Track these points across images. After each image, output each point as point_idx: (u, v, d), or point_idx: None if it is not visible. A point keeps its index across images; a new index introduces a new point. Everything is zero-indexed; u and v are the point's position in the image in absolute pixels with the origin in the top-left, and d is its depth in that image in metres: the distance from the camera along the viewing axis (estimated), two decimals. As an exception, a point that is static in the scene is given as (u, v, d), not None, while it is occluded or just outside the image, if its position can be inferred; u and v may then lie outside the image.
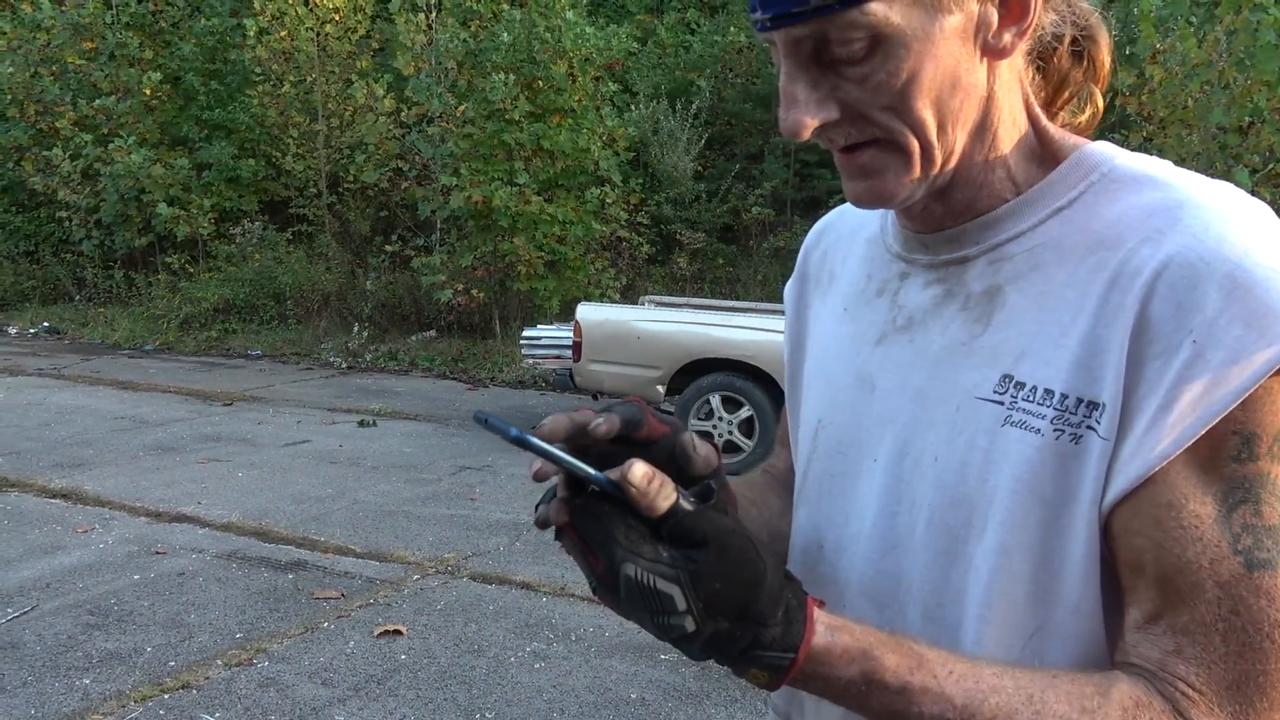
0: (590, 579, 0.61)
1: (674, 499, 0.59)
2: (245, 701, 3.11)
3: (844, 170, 0.72)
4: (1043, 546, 0.68)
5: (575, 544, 0.61)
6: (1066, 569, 0.67)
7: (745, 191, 12.84)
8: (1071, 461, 0.66)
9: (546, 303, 10.93)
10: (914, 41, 0.65)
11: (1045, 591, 0.68)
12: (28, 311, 14.15)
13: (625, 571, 0.57)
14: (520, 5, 10.92)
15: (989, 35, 0.68)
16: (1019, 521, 0.68)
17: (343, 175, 12.98)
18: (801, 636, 0.60)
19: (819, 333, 0.90)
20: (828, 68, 0.67)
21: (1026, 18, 0.68)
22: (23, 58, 13.22)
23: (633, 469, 0.58)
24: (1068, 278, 0.69)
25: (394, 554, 4.56)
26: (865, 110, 0.67)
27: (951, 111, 0.68)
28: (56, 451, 6.40)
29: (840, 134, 0.69)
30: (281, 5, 12.67)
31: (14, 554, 4.41)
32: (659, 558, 0.58)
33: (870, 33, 0.64)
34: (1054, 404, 0.67)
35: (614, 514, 0.59)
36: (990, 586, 0.69)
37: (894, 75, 0.65)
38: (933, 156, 0.70)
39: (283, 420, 7.70)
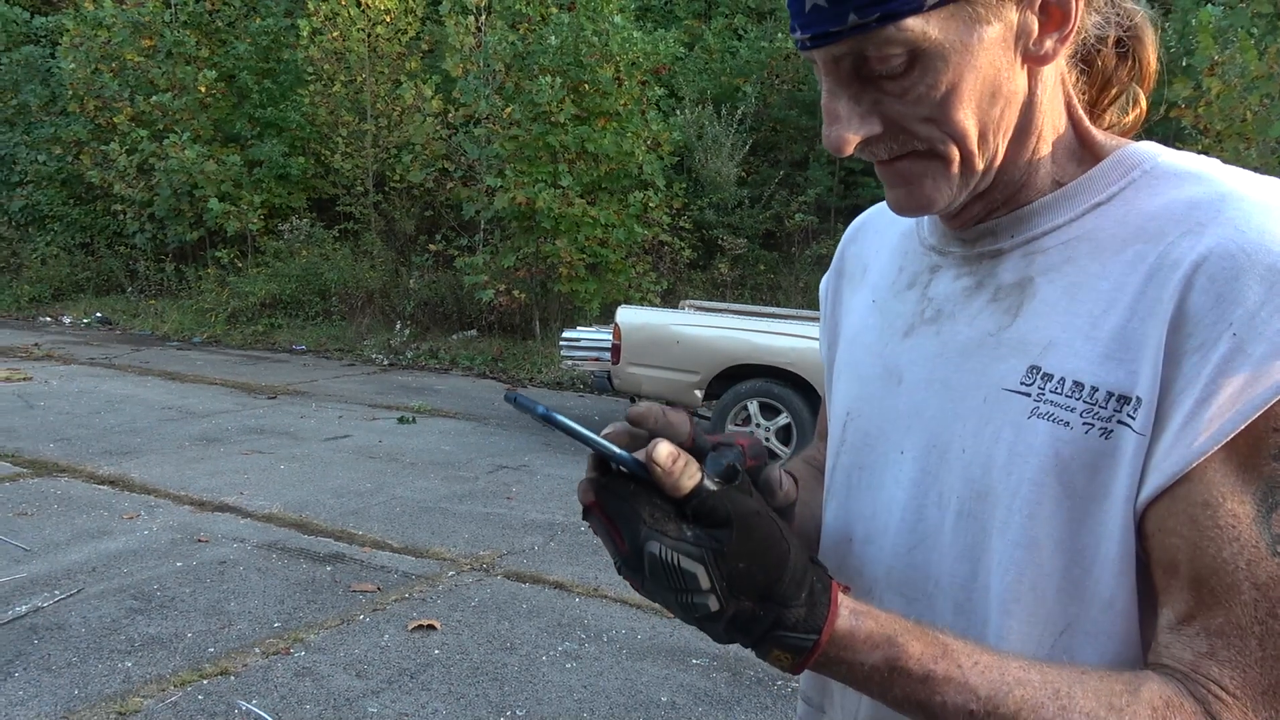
0: (615, 558, 0.62)
1: (698, 478, 0.59)
2: (281, 690, 3.15)
3: (885, 178, 0.72)
4: (1073, 542, 0.67)
5: (601, 523, 0.61)
6: (1099, 566, 0.66)
7: (789, 198, 12.79)
8: (1103, 457, 0.65)
9: (587, 305, 10.97)
10: (952, 54, 0.65)
11: (1077, 588, 0.67)
12: (82, 302, 14.51)
13: (650, 549, 0.58)
14: (568, 9, 10.99)
15: (1030, 42, 0.67)
16: (1046, 515, 0.67)
17: (389, 175, 13.15)
18: (825, 619, 0.60)
19: (850, 326, 0.90)
20: (868, 83, 0.67)
21: (1068, 24, 0.68)
22: (84, 54, 13.57)
23: (658, 448, 0.58)
24: (1102, 270, 0.68)
25: (430, 550, 4.60)
26: (907, 123, 0.68)
27: (992, 120, 0.68)
28: (106, 439, 6.55)
29: (883, 148, 0.70)
30: (334, 6, 12.87)
31: (63, 537, 4.53)
32: (683, 536, 0.58)
33: (908, 48, 0.64)
34: (1083, 397, 0.66)
35: (639, 493, 0.59)
36: (1019, 580, 0.68)
37: (933, 88, 0.66)
38: (973, 164, 0.70)
39: (325, 415, 7.81)
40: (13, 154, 15.10)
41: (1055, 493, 0.67)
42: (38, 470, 5.67)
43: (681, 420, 0.65)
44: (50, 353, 10.59)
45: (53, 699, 3.02)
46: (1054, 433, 0.67)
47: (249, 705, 3.03)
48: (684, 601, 0.59)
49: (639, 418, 0.64)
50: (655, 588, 0.60)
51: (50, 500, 5.11)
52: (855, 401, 0.84)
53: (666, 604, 0.60)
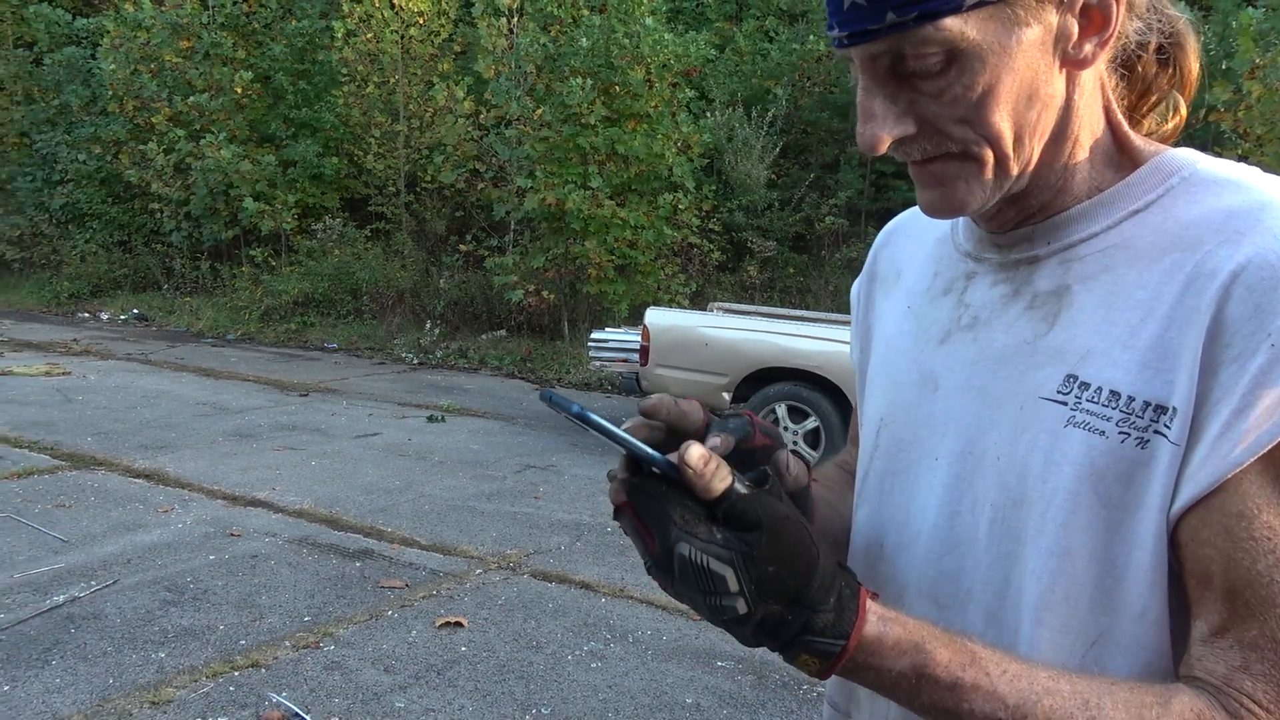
0: (646, 558, 0.62)
1: (729, 481, 0.60)
2: (311, 683, 3.19)
3: (917, 179, 0.72)
4: (1107, 552, 0.66)
5: (632, 523, 0.62)
6: (1132, 576, 0.66)
7: (819, 201, 12.73)
8: (1138, 466, 0.65)
9: (616, 306, 10.99)
10: (990, 55, 0.65)
11: (1109, 598, 0.67)
12: (119, 298, 14.75)
13: (679, 551, 0.58)
14: (600, 11, 11.02)
15: (1069, 46, 0.67)
16: (1081, 524, 0.67)
17: (421, 175, 13.25)
18: (853, 624, 0.61)
19: (884, 331, 0.90)
20: (904, 82, 0.67)
21: (1108, 28, 0.67)
22: (124, 55, 13.80)
23: (689, 451, 0.59)
24: (1139, 279, 0.68)
25: (458, 548, 4.64)
26: (941, 124, 0.68)
27: (1029, 123, 0.68)
28: (142, 433, 6.65)
29: (916, 148, 0.70)
30: (368, 8, 13.00)
31: (99, 529, 4.61)
32: (713, 539, 0.59)
33: (945, 48, 0.64)
34: (1120, 406, 0.66)
35: (671, 495, 0.60)
36: (1051, 589, 0.68)
37: (970, 89, 0.65)
38: (1008, 167, 0.69)
39: (355, 412, 7.88)
40: (54, 153, 15.38)
41: (1090, 502, 0.66)
42: (76, 463, 5.78)
43: (694, 408, 0.66)
44: (88, 348, 10.78)
45: (88, 687, 3.08)
46: (1089, 442, 0.67)
47: (279, 697, 3.07)
48: (712, 604, 0.59)
49: (652, 410, 0.65)
50: (684, 589, 0.60)
51: (87, 493, 5.20)
52: (889, 407, 0.84)
53: (695, 605, 0.61)
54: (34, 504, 4.93)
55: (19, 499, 5.00)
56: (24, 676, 3.12)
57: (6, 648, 3.32)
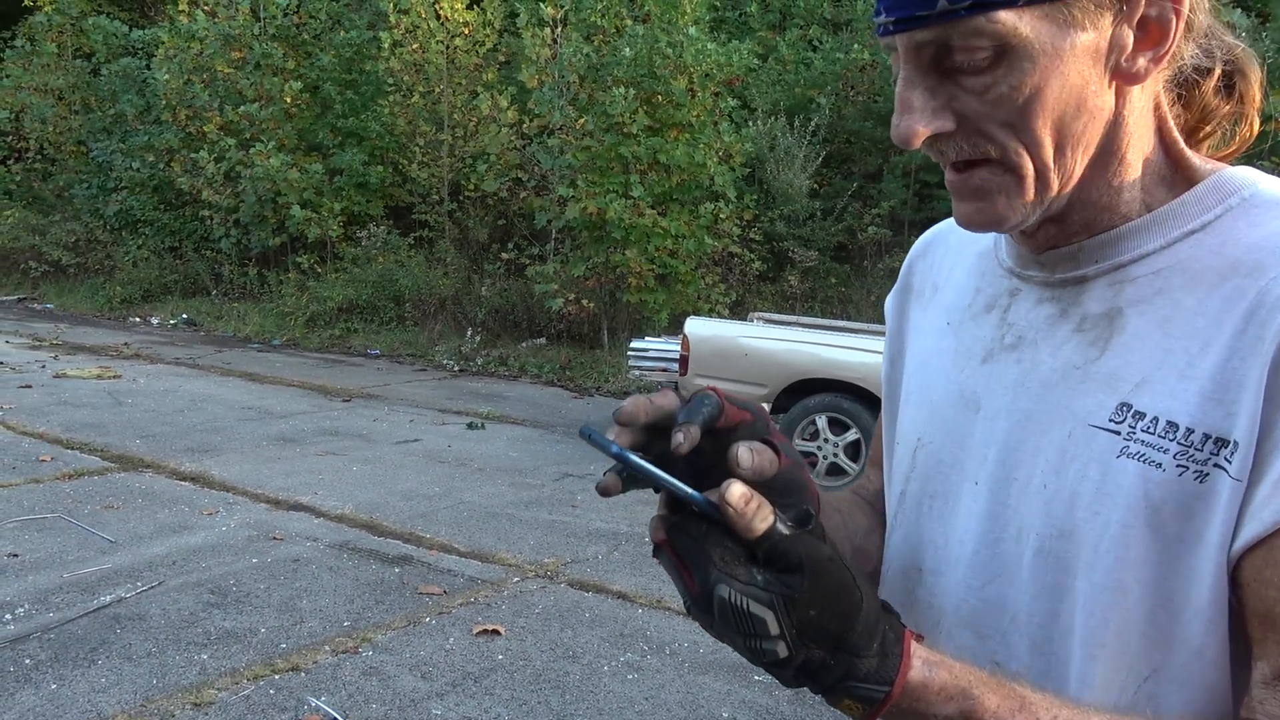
0: (685, 597, 0.60)
1: (771, 521, 0.58)
2: (349, 688, 3.21)
3: (954, 191, 0.70)
4: (1162, 587, 0.64)
5: (671, 562, 0.60)
6: (1189, 613, 0.63)
7: (862, 211, 12.64)
8: (1196, 501, 0.62)
9: (656, 315, 10.99)
10: (1041, 56, 0.62)
11: (1164, 634, 0.64)
12: (169, 303, 15.06)
13: (719, 593, 0.56)
14: (643, 20, 11.05)
15: (1122, 58, 0.64)
16: (1135, 558, 0.64)
17: (464, 184, 13.38)
18: (898, 670, 0.59)
19: (919, 347, 0.87)
20: (947, 76, 0.65)
21: (1164, 43, 0.64)
22: (178, 66, 14.11)
23: (730, 489, 0.57)
24: (1198, 305, 0.65)
25: (496, 555, 4.65)
26: (982, 124, 0.65)
27: (1073, 134, 0.65)
28: (188, 437, 6.77)
29: (952, 147, 0.67)
30: (415, 19, 13.17)
31: (146, 531, 4.69)
32: (753, 580, 0.57)
33: (996, 42, 0.62)
34: (1178, 438, 0.63)
35: (711, 534, 0.58)
36: (1104, 624, 0.66)
37: (1016, 89, 0.63)
38: (1048, 180, 0.66)
39: (396, 418, 7.96)
40: (110, 161, 15.77)
41: (1144, 536, 0.64)
42: (124, 465, 5.90)
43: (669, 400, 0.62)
44: (139, 352, 11.02)
45: (133, 687, 3.13)
46: (1144, 474, 0.64)
47: (318, 702, 3.10)
48: (752, 646, 0.58)
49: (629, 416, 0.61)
50: (724, 630, 0.59)
51: (135, 494, 5.30)
52: (927, 427, 0.81)
53: (735, 646, 0.59)
54: (84, 505, 5.04)
55: (70, 500, 5.11)
56: (71, 675, 3.18)
57: (55, 647, 3.38)
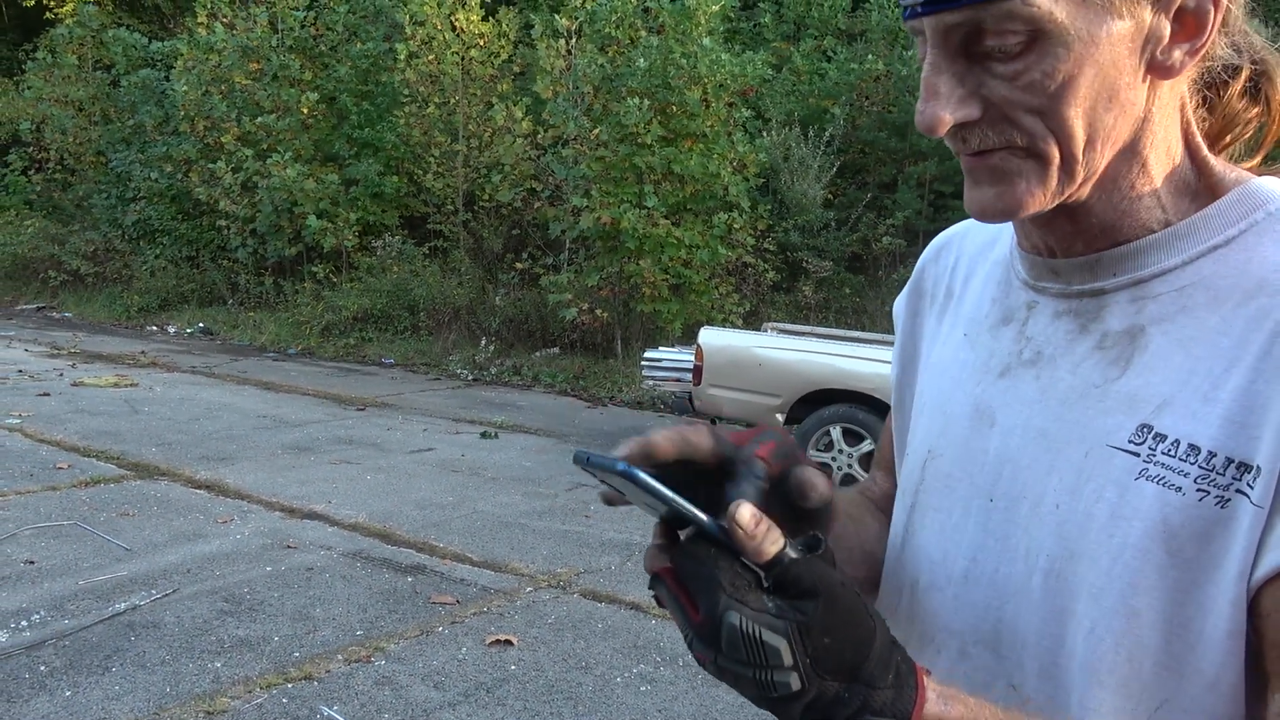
0: (685, 630, 0.57)
1: (781, 544, 0.55)
2: (362, 698, 3.21)
3: (970, 174, 0.67)
4: (1177, 615, 0.62)
5: (670, 592, 0.57)
6: (1204, 642, 0.61)
7: (876, 221, 12.60)
8: (1216, 526, 0.60)
9: (669, 325, 10.98)
10: (1076, 42, 0.60)
11: (1178, 663, 0.62)
12: (186, 312, 15.16)
13: (729, 620, 0.53)
14: (658, 32, 11.08)
15: (1158, 50, 0.62)
16: (1149, 584, 0.62)
17: (479, 194, 13.43)
18: (913, 702, 0.56)
19: (934, 356, 0.84)
20: (976, 62, 0.62)
21: (1201, 36, 0.62)
22: (196, 77, 14.25)
23: (740, 510, 0.55)
24: (1222, 324, 0.63)
25: (509, 565, 4.64)
26: (1010, 111, 0.63)
27: (1103, 126, 0.63)
28: (203, 445, 6.80)
29: (976, 136, 0.64)
30: (430, 31, 13.25)
31: (161, 539, 4.71)
32: (765, 607, 0.54)
33: (1030, 26, 0.59)
34: (1199, 461, 0.61)
35: (719, 558, 0.55)
36: (1115, 650, 0.64)
37: (1049, 76, 0.61)
38: (1073, 171, 0.64)
39: (410, 427, 7.97)
40: (128, 171, 15.91)
41: (1160, 561, 0.62)
42: (140, 473, 5.93)
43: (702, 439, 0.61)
44: (155, 360, 11.09)
45: (146, 695, 3.14)
46: (1163, 497, 0.62)
47: (331, 711, 3.10)
48: (762, 679, 0.54)
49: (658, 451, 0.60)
50: (730, 663, 0.55)
51: (151, 502, 5.32)
52: (939, 439, 0.79)
53: (740, 683, 0.56)
54: (100, 512, 5.06)
55: (86, 507, 5.14)
56: (85, 683, 3.19)
57: (70, 654, 3.40)
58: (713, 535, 0.56)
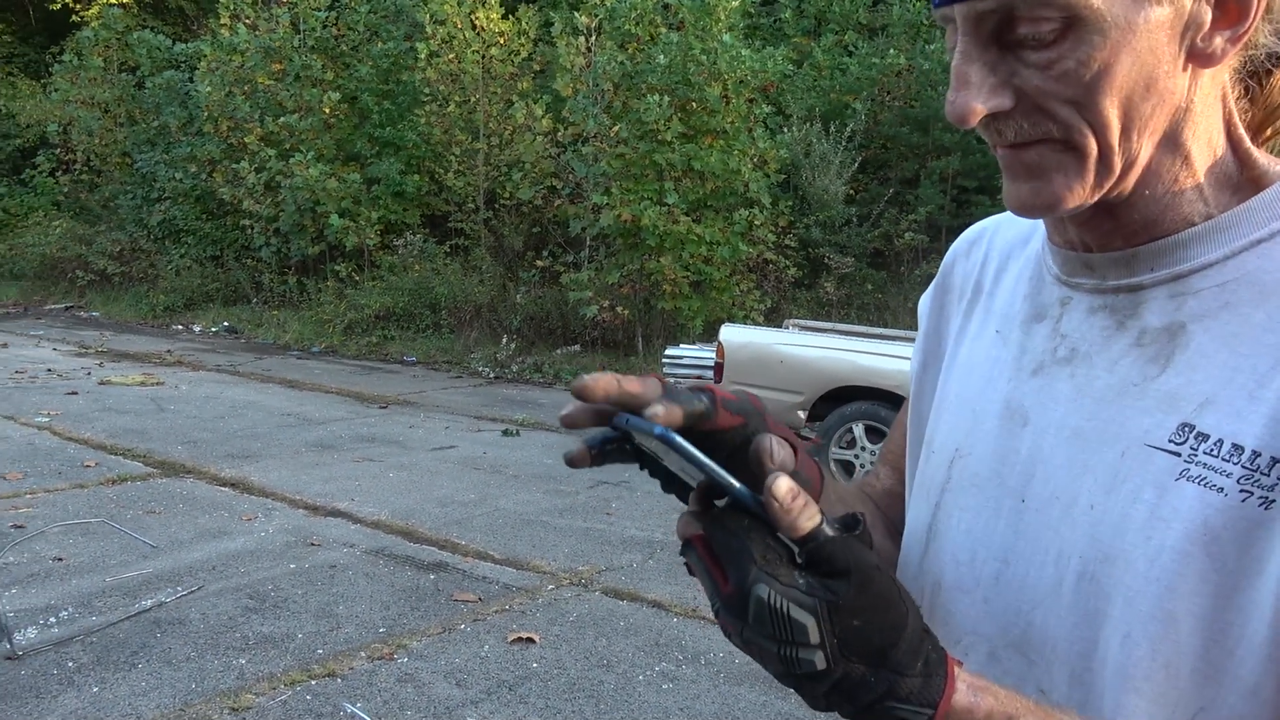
0: (714, 599, 0.56)
1: (818, 520, 0.54)
2: (384, 695, 3.22)
3: (1007, 169, 0.65)
4: (1217, 620, 0.60)
5: (701, 560, 0.57)
6: (1244, 648, 0.59)
7: (898, 216, 12.53)
8: (1259, 529, 0.58)
9: (690, 322, 10.97)
10: (1112, 29, 0.58)
11: (1216, 670, 0.60)
12: (211, 311, 15.30)
13: (758, 592, 0.53)
14: (677, 28, 11.06)
15: (1198, 37, 0.60)
16: (1188, 588, 0.60)
17: (500, 192, 13.47)
18: (941, 692, 0.55)
19: (963, 353, 0.82)
20: (1008, 50, 0.61)
21: (1244, 22, 0.60)
22: (219, 78, 14.38)
23: (778, 482, 0.54)
24: (1268, 320, 0.61)
25: (530, 563, 4.65)
26: (1044, 101, 0.61)
27: (1141, 116, 0.61)
28: (229, 443, 6.86)
29: (1010, 127, 0.62)
30: (451, 29, 13.29)
31: (187, 536, 4.75)
32: (795, 583, 0.53)
33: (1065, 13, 0.58)
34: (1243, 462, 0.59)
35: (753, 529, 0.55)
36: (1151, 656, 0.62)
37: (1084, 64, 0.59)
38: (1111, 163, 0.62)
39: (432, 425, 8.00)
40: (153, 172, 16.09)
41: (1201, 565, 0.60)
42: (166, 471, 5.98)
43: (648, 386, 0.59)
44: (181, 359, 11.20)
45: (171, 691, 3.16)
46: (1204, 498, 0.60)
47: (354, 708, 3.11)
48: (787, 655, 0.54)
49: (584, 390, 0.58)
50: (756, 635, 0.55)
51: (177, 500, 5.37)
52: (967, 438, 0.77)
53: (765, 657, 0.55)
54: (127, 510, 5.12)
55: (113, 505, 5.19)
56: (112, 679, 3.22)
57: (97, 650, 3.43)
58: (748, 506, 0.56)
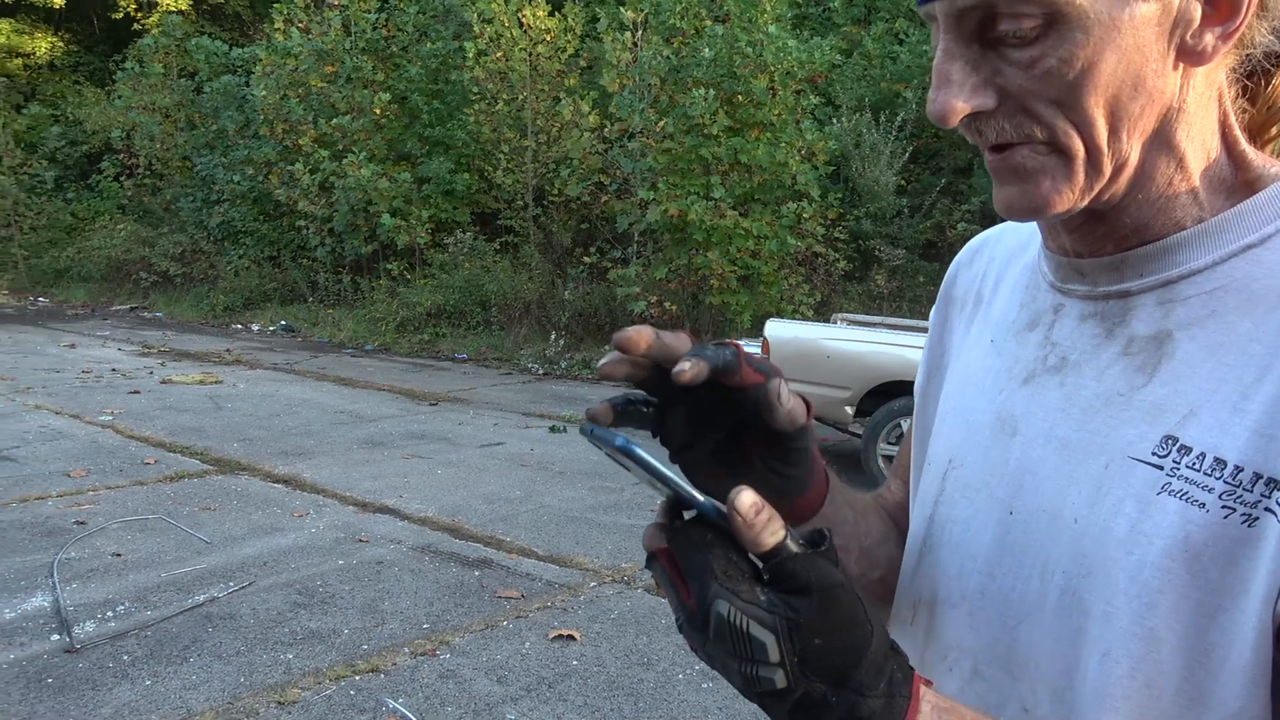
0: (678, 613, 0.56)
1: (781, 536, 0.53)
2: (426, 690, 3.26)
3: (994, 171, 0.64)
4: (1199, 640, 0.58)
5: (666, 574, 0.56)
6: (1227, 671, 0.57)
7: (951, 207, 12.31)
8: (1242, 546, 0.56)
9: (738, 317, 10.91)
10: (1096, 27, 0.56)
11: (1199, 691, 0.58)
12: (268, 310, 15.65)
13: (717, 609, 0.52)
14: (723, 21, 10.99)
15: (1188, 34, 0.58)
16: (1169, 605, 0.58)
17: (548, 189, 13.54)
18: (903, 713, 0.54)
19: (960, 363, 0.81)
20: (990, 48, 0.59)
21: (1235, 18, 0.58)
22: (274, 81, 14.67)
23: (740, 496, 0.53)
24: (1254, 330, 0.59)
25: (574, 560, 4.67)
26: (1027, 101, 0.59)
27: (1129, 116, 0.59)
28: (283, 440, 7.00)
29: (992, 127, 0.61)
30: (498, 28, 13.38)
31: (240, 532, 4.86)
32: (755, 599, 0.52)
33: (1046, 9, 0.56)
34: (1225, 476, 0.57)
35: (715, 543, 0.54)
36: (1132, 675, 0.60)
37: (1067, 63, 0.57)
38: (1100, 165, 0.60)
39: (481, 422, 8.08)
40: (212, 175, 16.50)
41: (1182, 582, 0.58)
42: (222, 468, 6.13)
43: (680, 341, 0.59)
44: (239, 358, 11.47)
45: (220, 685, 3.24)
46: (1186, 513, 0.58)
47: (395, 704, 3.15)
48: (747, 672, 0.52)
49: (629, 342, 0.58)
50: (718, 652, 0.54)
51: (231, 496, 5.50)
52: (960, 449, 0.75)
53: (728, 673, 0.54)
54: (184, 506, 5.25)
55: (171, 501, 5.33)
56: (165, 672, 3.31)
57: (151, 644, 3.53)
58: (712, 519, 0.55)
